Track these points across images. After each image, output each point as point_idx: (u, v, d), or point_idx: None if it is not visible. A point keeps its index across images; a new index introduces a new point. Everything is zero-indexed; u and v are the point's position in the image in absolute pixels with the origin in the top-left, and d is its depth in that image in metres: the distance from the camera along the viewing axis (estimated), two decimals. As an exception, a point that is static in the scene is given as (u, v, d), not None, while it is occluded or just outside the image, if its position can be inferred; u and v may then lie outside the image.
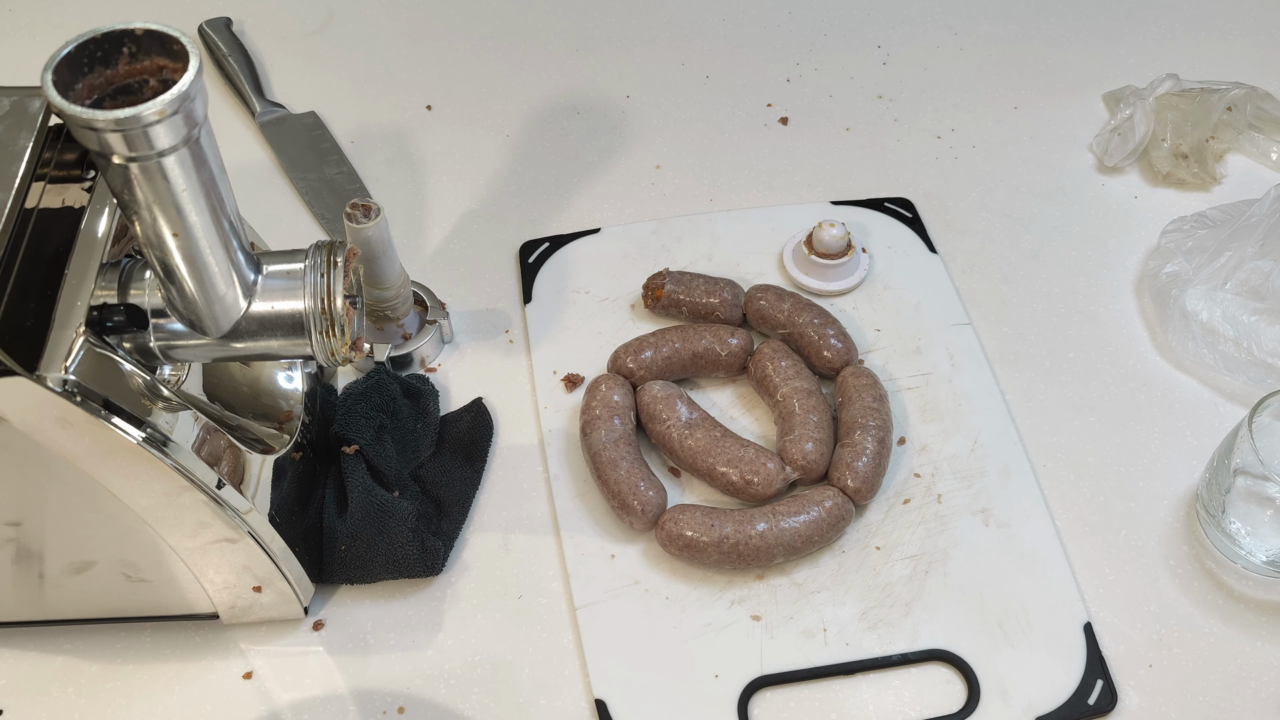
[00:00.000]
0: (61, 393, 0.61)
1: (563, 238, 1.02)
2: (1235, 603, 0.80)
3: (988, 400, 0.90)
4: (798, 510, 0.80)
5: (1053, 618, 0.79)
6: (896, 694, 0.76)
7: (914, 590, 0.80)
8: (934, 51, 1.19)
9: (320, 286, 0.69)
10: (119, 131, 0.55)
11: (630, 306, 0.97)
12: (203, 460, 0.67)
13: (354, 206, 0.84)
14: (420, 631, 0.80)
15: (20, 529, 0.71)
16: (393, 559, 0.80)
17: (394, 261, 0.88)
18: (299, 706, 0.77)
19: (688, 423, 0.85)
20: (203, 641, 0.79)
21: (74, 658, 0.79)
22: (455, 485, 0.85)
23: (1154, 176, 1.07)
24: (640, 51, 1.20)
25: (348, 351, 0.70)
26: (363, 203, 0.85)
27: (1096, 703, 0.75)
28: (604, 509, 0.84)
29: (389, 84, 1.17)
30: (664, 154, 1.10)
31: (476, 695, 0.77)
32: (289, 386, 0.81)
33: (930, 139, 1.11)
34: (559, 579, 0.82)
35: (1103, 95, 1.14)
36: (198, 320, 0.67)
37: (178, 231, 0.62)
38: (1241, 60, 1.17)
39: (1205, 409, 0.91)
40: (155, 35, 0.57)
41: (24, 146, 0.65)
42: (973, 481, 0.86)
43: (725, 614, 0.79)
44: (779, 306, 0.92)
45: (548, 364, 0.93)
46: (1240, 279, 0.92)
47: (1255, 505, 0.80)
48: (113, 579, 0.75)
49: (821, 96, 1.15)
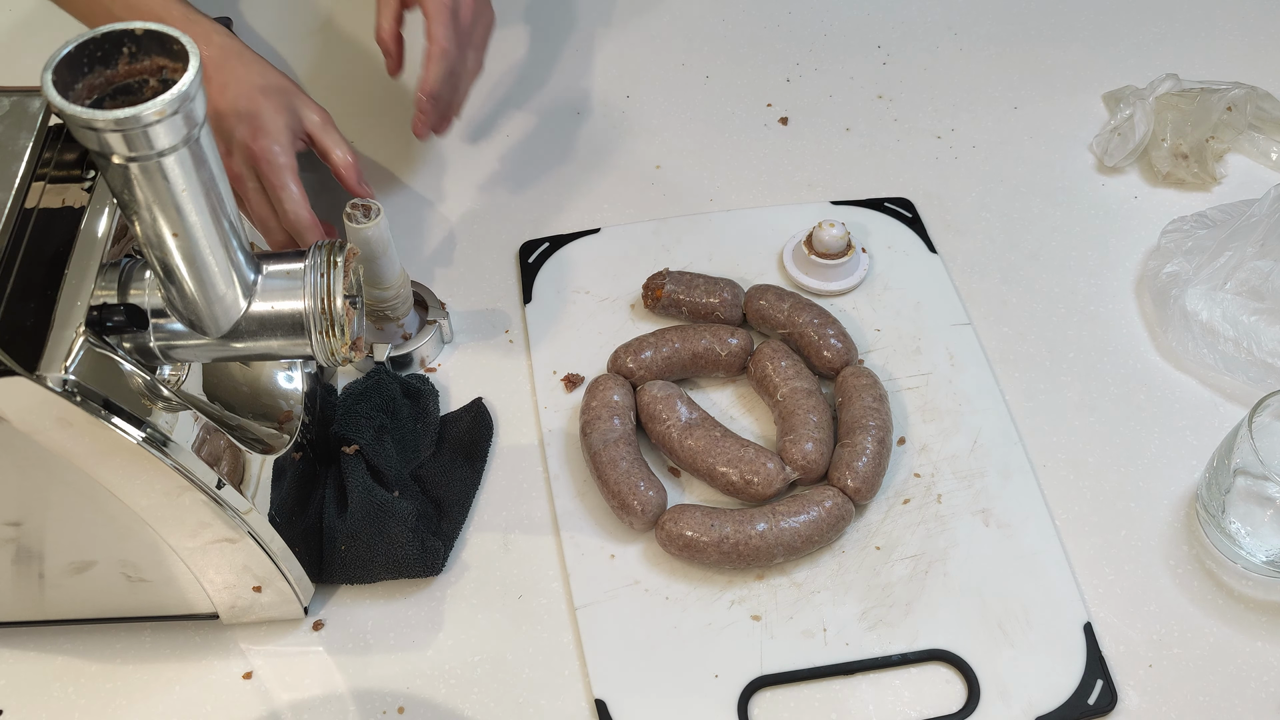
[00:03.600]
0: (61, 393, 0.61)
1: (563, 238, 1.02)
2: (1235, 603, 0.80)
3: (988, 400, 0.90)
4: (798, 510, 0.80)
5: (1053, 618, 0.79)
6: (896, 694, 0.76)
7: (914, 590, 0.80)
8: (934, 51, 1.19)
9: (320, 286, 0.69)
10: (119, 131, 0.55)
11: (630, 306, 0.97)
12: (203, 460, 0.68)
13: (354, 206, 0.84)
14: (420, 631, 0.80)
15: (20, 529, 0.71)
16: (393, 559, 0.80)
17: (394, 261, 0.88)
18: (299, 706, 0.77)
19: (688, 423, 0.85)
20: (203, 641, 0.79)
21: (74, 658, 0.79)
22: (455, 485, 0.85)
23: (1154, 176, 1.07)
24: (640, 51, 1.20)
25: (348, 351, 0.70)
26: (363, 203, 0.85)
27: (1096, 703, 0.75)
28: (604, 509, 0.84)
29: (389, 83, 1.17)
30: (664, 154, 1.10)
31: (476, 695, 0.77)
32: (289, 386, 0.81)
33: (930, 139, 1.11)
34: (559, 579, 0.82)
35: (1103, 95, 1.14)
36: (198, 320, 0.67)
37: (178, 231, 0.62)
38: (1241, 60, 1.17)
39: (1205, 409, 0.90)
40: (155, 35, 0.57)
41: (24, 146, 0.65)
42: (973, 481, 0.86)
43: (725, 614, 0.79)
44: (779, 306, 0.92)
45: (548, 364, 0.93)
46: (1240, 279, 0.92)
47: (1255, 505, 0.80)
48: (113, 579, 0.75)
49: (821, 96, 1.15)
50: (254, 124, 0.84)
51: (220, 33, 0.88)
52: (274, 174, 0.85)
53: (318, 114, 0.90)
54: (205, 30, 0.87)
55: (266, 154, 0.83)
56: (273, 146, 0.83)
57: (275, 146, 0.84)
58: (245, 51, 0.88)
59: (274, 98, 0.85)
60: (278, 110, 0.84)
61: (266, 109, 0.84)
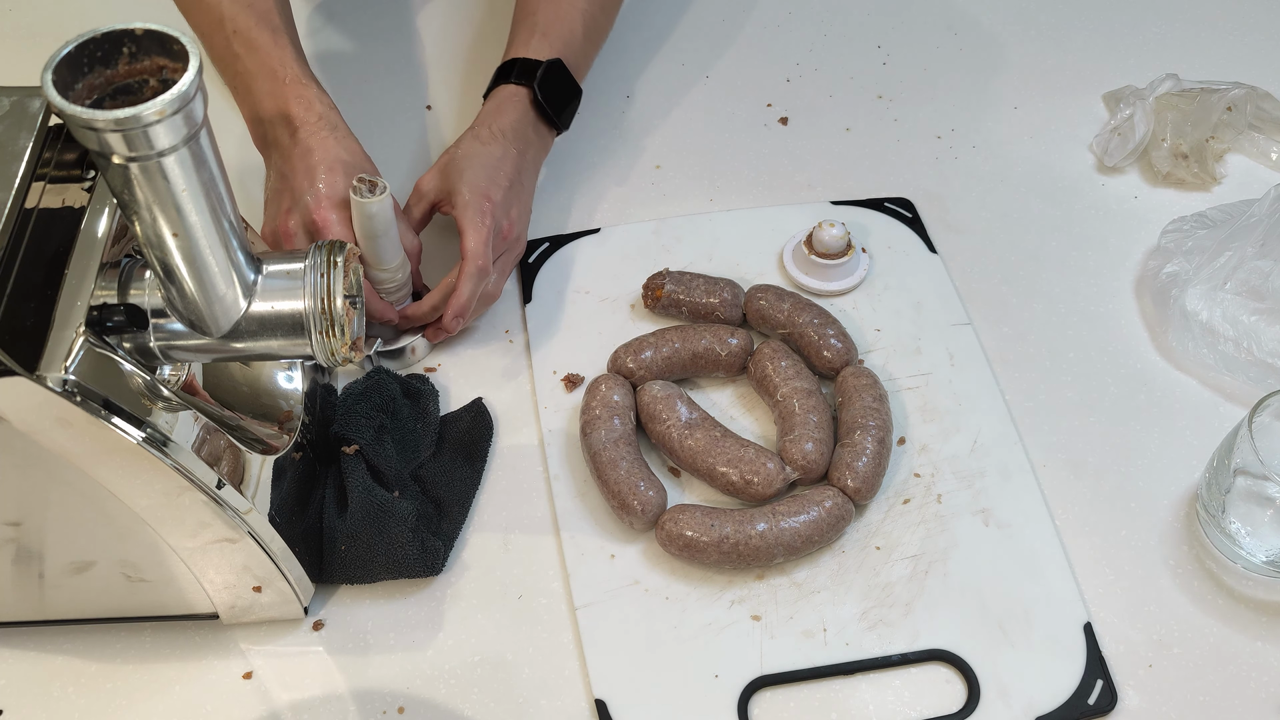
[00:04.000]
0: (61, 393, 0.61)
1: (563, 238, 1.02)
2: (1235, 603, 0.80)
3: (988, 400, 0.90)
4: (798, 510, 0.80)
5: (1053, 618, 0.79)
6: (896, 694, 0.76)
7: (914, 590, 0.80)
8: (934, 51, 1.19)
9: (320, 286, 0.69)
10: (119, 131, 0.55)
11: (630, 306, 0.97)
12: (203, 460, 0.68)
13: (360, 180, 0.84)
14: (420, 631, 0.80)
15: (20, 529, 0.71)
16: (393, 559, 0.80)
17: (395, 242, 0.88)
18: (299, 706, 0.77)
19: (688, 423, 0.85)
20: (203, 641, 0.79)
21: (74, 658, 0.79)
22: (455, 485, 0.86)
23: (1154, 176, 1.07)
24: (640, 51, 1.20)
25: (348, 351, 0.70)
26: (369, 178, 0.85)
27: (1096, 703, 0.75)
28: (604, 509, 0.84)
29: (389, 84, 1.17)
30: (664, 154, 1.10)
31: (476, 695, 0.77)
32: (289, 386, 0.81)
33: (930, 139, 1.11)
34: (559, 579, 0.82)
35: (1103, 95, 1.14)
36: (198, 320, 0.67)
37: (178, 231, 0.62)
38: (1241, 60, 1.17)
39: (1205, 409, 0.91)
40: (155, 35, 0.57)
41: (24, 146, 0.65)
42: (973, 481, 0.86)
43: (725, 614, 0.79)
44: (779, 306, 0.92)
45: (548, 364, 0.93)
46: (1240, 279, 0.92)
47: (1255, 505, 0.80)
48: (113, 579, 0.75)
49: (821, 96, 1.15)
50: (326, 193, 0.87)
51: (324, 103, 0.91)
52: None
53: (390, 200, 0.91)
54: (310, 97, 0.90)
55: (327, 224, 0.86)
56: (332, 216, 0.86)
57: (334, 217, 0.86)
58: (341, 125, 0.90)
59: (353, 174, 0.87)
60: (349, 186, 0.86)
61: (342, 184, 0.87)
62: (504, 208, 0.92)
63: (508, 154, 0.94)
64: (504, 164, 0.93)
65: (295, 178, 0.88)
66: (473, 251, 0.89)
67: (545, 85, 0.97)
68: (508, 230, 0.92)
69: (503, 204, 0.92)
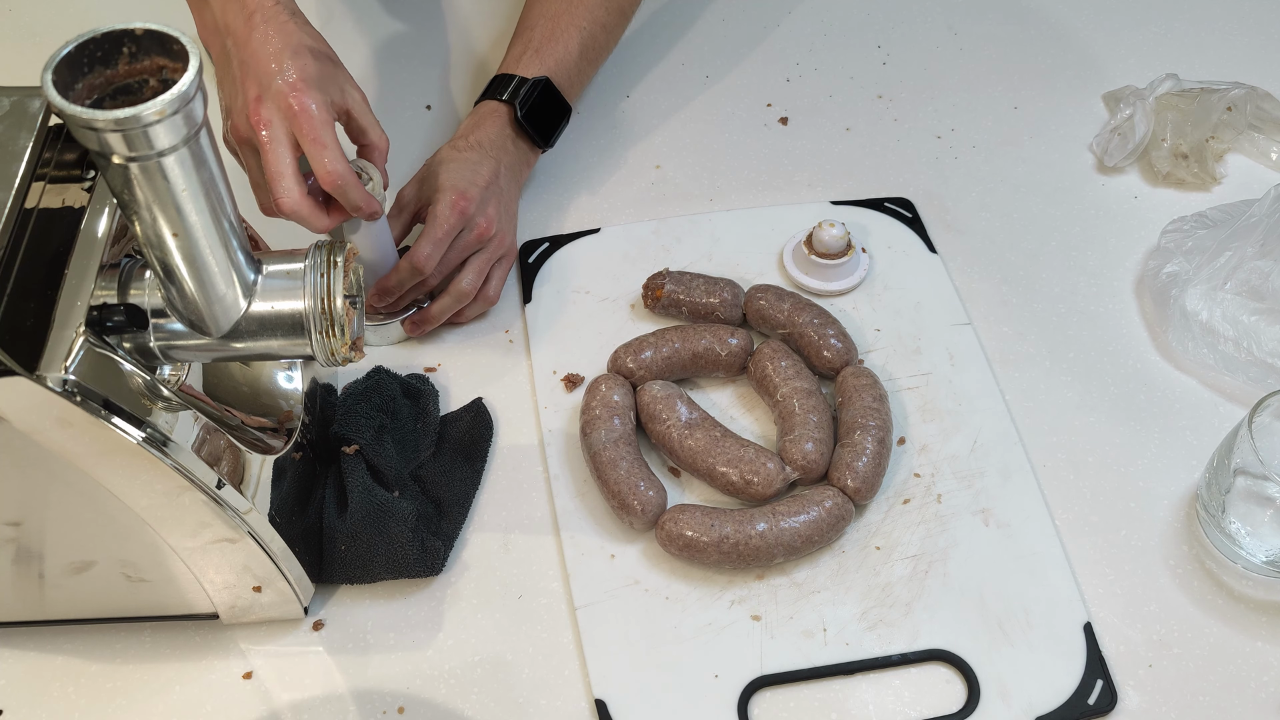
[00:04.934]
0: (61, 393, 0.61)
1: (563, 238, 1.02)
2: (1235, 603, 0.80)
3: (988, 400, 0.90)
4: (798, 510, 0.80)
5: (1053, 618, 0.79)
6: (896, 694, 0.76)
7: (914, 590, 0.80)
8: (934, 51, 1.19)
9: (320, 286, 0.69)
10: (119, 131, 0.55)
11: (630, 306, 0.97)
12: (203, 460, 0.68)
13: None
14: (420, 631, 0.80)
15: (20, 529, 0.71)
16: (393, 559, 0.80)
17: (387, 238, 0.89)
18: (299, 706, 0.77)
19: (688, 423, 0.85)
20: (203, 641, 0.79)
21: (74, 658, 0.79)
22: (455, 485, 0.86)
23: (1154, 176, 1.07)
24: (640, 51, 1.20)
25: (348, 351, 0.70)
26: (359, 165, 0.85)
27: (1096, 703, 0.75)
28: (604, 509, 0.84)
29: (389, 84, 1.17)
30: (664, 154, 1.10)
31: (476, 695, 0.77)
32: (289, 386, 0.81)
33: (930, 139, 1.11)
34: (559, 579, 0.82)
35: (1103, 95, 1.14)
36: (198, 320, 0.67)
37: (178, 231, 0.62)
38: (1241, 60, 1.17)
39: (1205, 409, 0.90)
40: (155, 35, 0.57)
41: (24, 146, 0.65)
42: (973, 481, 0.86)
43: (725, 614, 0.79)
44: (779, 306, 0.92)
45: (548, 364, 0.93)
46: (1240, 279, 0.92)
47: (1255, 505, 0.80)
48: (113, 579, 0.75)
49: (821, 96, 1.15)
50: (299, 77, 0.80)
51: None
52: (313, 128, 0.80)
53: (359, 93, 0.87)
54: None
55: (307, 109, 0.79)
56: (314, 102, 0.79)
57: (315, 104, 0.79)
58: (299, 14, 0.84)
59: (324, 62, 0.82)
60: (323, 73, 0.81)
61: (314, 67, 0.80)
62: (479, 204, 0.91)
63: (485, 160, 0.94)
64: (480, 167, 0.93)
65: (258, 62, 0.80)
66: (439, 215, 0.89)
67: (528, 103, 0.98)
68: (485, 228, 0.92)
69: (479, 201, 0.91)
